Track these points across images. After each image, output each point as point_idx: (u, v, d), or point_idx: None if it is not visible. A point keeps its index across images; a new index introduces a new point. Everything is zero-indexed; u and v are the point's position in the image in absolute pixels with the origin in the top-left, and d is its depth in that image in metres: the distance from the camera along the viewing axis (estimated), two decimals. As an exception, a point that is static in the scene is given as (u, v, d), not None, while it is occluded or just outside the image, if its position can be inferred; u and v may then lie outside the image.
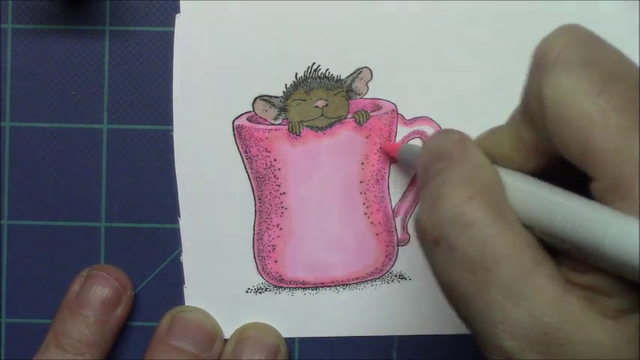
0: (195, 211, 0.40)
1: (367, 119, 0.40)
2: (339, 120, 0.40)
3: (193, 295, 0.41)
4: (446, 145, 0.29)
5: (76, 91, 0.41)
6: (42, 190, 0.41)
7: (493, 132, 0.30)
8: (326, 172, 0.40)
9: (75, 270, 0.40)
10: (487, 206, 0.26)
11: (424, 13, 0.40)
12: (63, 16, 0.40)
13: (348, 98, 0.40)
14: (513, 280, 0.25)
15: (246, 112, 0.40)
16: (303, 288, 0.41)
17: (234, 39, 0.40)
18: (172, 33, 0.40)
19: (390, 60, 0.40)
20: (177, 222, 0.41)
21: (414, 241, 0.41)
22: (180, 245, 0.41)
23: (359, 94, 0.40)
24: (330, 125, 0.40)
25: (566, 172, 0.27)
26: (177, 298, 0.41)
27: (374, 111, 0.40)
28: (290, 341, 0.41)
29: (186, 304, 0.41)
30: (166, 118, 0.40)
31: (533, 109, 0.27)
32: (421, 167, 0.30)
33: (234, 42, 0.40)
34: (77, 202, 0.41)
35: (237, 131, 0.40)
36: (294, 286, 0.41)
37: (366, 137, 0.40)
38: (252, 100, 0.40)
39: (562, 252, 0.26)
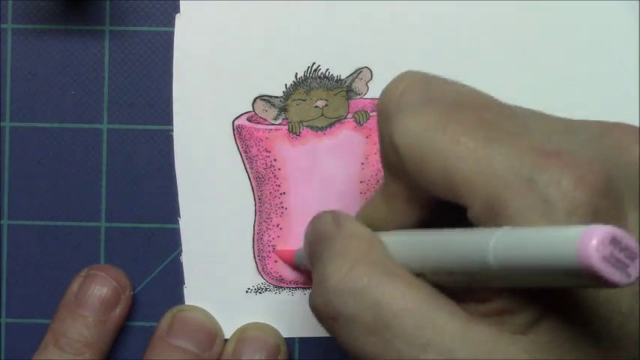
0: (195, 211, 0.40)
1: (367, 119, 0.40)
2: (339, 120, 0.40)
3: (193, 295, 0.41)
4: (321, 227, 0.30)
5: (76, 91, 0.41)
6: (42, 190, 0.41)
7: (368, 201, 0.30)
8: (326, 172, 0.40)
9: (75, 270, 0.40)
10: (370, 269, 0.26)
11: (424, 13, 0.40)
12: (63, 16, 0.40)
13: (348, 98, 0.40)
14: (415, 329, 0.25)
15: (246, 112, 0.40)
16: (303, 288, 0.41)
17: (234, 39, 0.40)
18: (172, 33, 0.40)
19: (390, 60, 0.40)
20: (177, 222, 0.41)
21: (414, 241, 0.41)
22: (180, 245, 0.41)
23: (359, 94, 0.40)
24: (330, 125, 0.40)
25: (450, 211, 0.27)
26: (177, 298, 0.41)
27: (374, 111, 0.40)
28: (290, 341, 0.41)
29: (186, 303, 0.41)
30: (166, 118, 0.40)
31: (392, 161, 0.27)
32: (307, 260, 0.30)
33: (234, 42, 0.40)
34: (77, 202, 0.41)
35: (237, 131, 0.40)
36: (294, 286, 0.41)
37: (366, 137, 0.40)
38: (252, 100, 0.40)
39: (462, 293, 0.26)
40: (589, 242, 0.19)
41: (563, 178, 0.23)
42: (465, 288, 0.25)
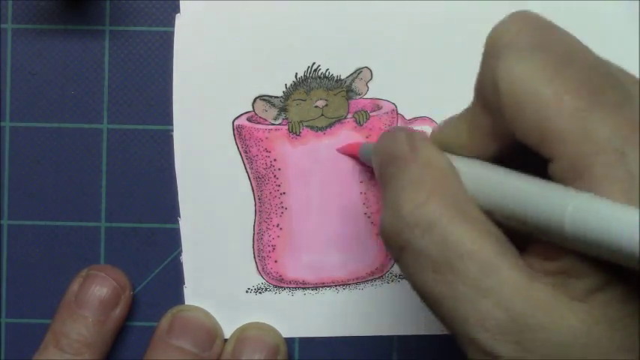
0: (195, 211, 0.40)
1: (367, 119, 0.40)
2: (339, 120, 0.40)
3: (193, 295, 0.41)
4: (395, 147, 0.29)
5: (76, 91, 0.41)
6: (42, 190, 0.41)
7: (449, 122, 0.30)
8: (326, 172, 0.40)
9: (75, 270, 0.40)
10: (444, 204, 0.26)
11: (424, 12, 0.40)
12: (63, 16, 0.40)
13: (348, 98, 0.40)
14: (478, 274, 0.25)
15: (246, 112, 0.40)
16: (303, 288, 0.41)
17: (234, 39, 0.40)
18: (172, 33, 0.40)
19: (390, 60, 0.40)
20: (177, 222, 0.41)
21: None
22: (180, 245, 0.41)
23: (359, 94, 0.40)
24: (330, 125, 0.40)
25: (525, 157, 0.27)
26: (177, 298, 0.41)
27: (374, 111, 0.40)
28: (290, 341, 0.41)
29: (186, 303, 0.41)
30: (166, 118, 0.40)
31: (488, 96, 0.27)
32: (377, 173, 0.30)
33: (234, 42, 0.40)
34: (77, 202, 0.41)
35: (237, 131, 0.40)
36: (294, 286, 0.41)
37: (366, 137, 0.40)
38: (252, 100, 0.40)
39: (528, 241, 0.26)
40: None
41: None
42: (532, 239, 0.26)
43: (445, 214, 0.26)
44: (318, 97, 0.40)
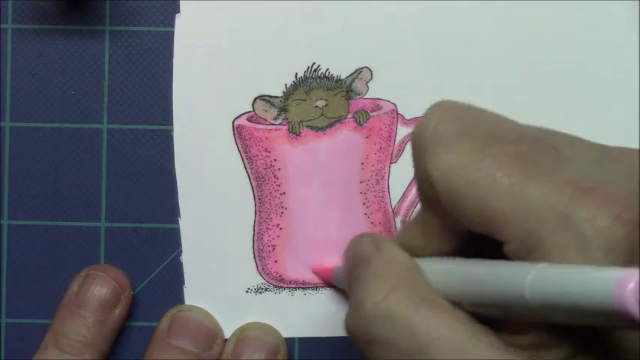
0: (195, 211, 0.40)
1: (367, 119, 0.40)
2: (339, 120, 0.40)
3: (193, 295, 0.41)
4: (361, 249, 0.30)
5: (76, 91, 0.41)
6: (42, 190, 0.41)
7: (406, 227, 0.30)
8: (326, 172, 0.40)
9: (75, 270, 0.40)
10: (407, 295, 0.26)
11: (424, 12, 0.40)
12: (63, 16, 0.40)
13: (348, 98, 0.40)
14: (449, 357, 0.25)
15: (246, 112, 0.40)
16: (303, 288, 0.41)
17: (234, 39, 0.40)
18: (172, 33, 0.40)
19: (390, 60, 0.40)
20: (177, 222, 0.41)
21: (414, 241, 0.41)
22: (180, 245, 0.41)
23: (359, 94, 0.40)
24: (330, 125, 0.40)
25: (484, 242, 0.27)
26: (177, 298, 0.41)
27: (374, 111, 0.40)
28: (290, 341, 0.41)
29: (186, 303, 0.41)
30: (166, 118, 0.40)
31: (426, 193, 0.27)
32: (347, 278, 0.30)
33: (234, 42, 0.40)
34: (77, 202, 0.41)
35: (237, 131, 0.40)
36: (294, 286, 0.41)
37: (366, 137, 0.40)
38: (252, 100, 0.40)
39: (498, 323, 0.26)
40: (626, 287, 0.19)
41: (600, 215, 0.23)
42: (501, 319, 0.25)
43: (409, 305, 0.26)
44: (318, 97, 0.40)
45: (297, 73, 0.40)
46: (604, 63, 0.40)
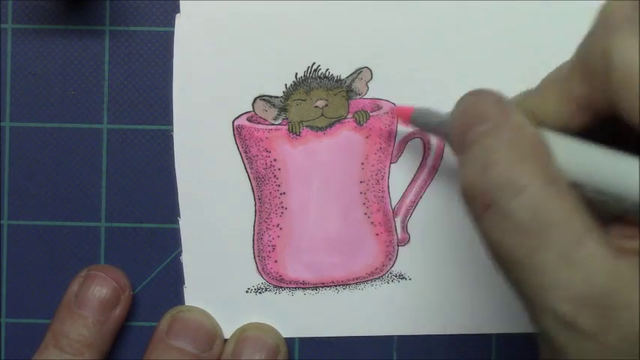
0: (195, 211, 0.40)
1: (367, 119, 0.40)
2: (339, 120, 0.40)
3: (193, 295, 0.41)
4: (484, 107, 0.29)
5: (76, 91, 0.41)
6: (42, 190, 0.41)
7: (532, 93, 0.30)
8: (326, 172, 0.40)
9: (75, 270, 0.40)
10: (536, 170, 0.26)
11: (424, 13, 0.40)
12: (63, 16, 0.40)
13: (348, 98, 0.40)
14: (566, 245, 0.25)
15: (246, 112, 0.40)
16: (303, 288, 0.41)
17: (234, 39, 0.40)
18: (172, 33, 0.40)
19: (390, 60, 0.40)
20: (177, 222, 0.41)
21: (414, 241, 0.41)
22: (180, 245, 0.41)
23: (359, 94, 0.40)
24: (330, 125, 0.40)
25: (607, 132, 0.27)
26: (177, 298, 0.41)
27: (374, 111, 0.40)
28: (290, 341, 0.41)
29: (186, 304, 0.41)
30: (166, 118, 0.40)
31: (595, 66, 0.27)
32: (457, 130, 0.29)
33: (234, 42, 0.40)
34: (77, 202, 0.41)
35: (237, 131, 0.40)
36: (294, 286, 0.41)
37: (366, 137, 0.40)
38: (252, 100, 0.40)
39: (609, 220, 0.26)
40: None
41: None
42: (613, 220, 0.26)
43: (537, 181, 0.26)
44: (318, 97, 0.40)
45: (297, 73, 0.40)
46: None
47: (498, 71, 0.40)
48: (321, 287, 0.41)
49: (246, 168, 0.40)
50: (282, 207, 0.40)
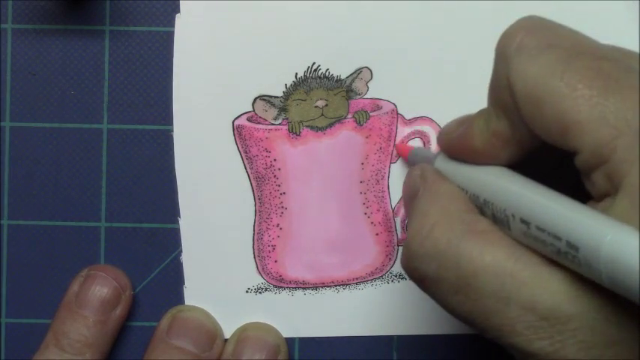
0: (195, 211, 0.40)
1: (367, 119, 0.40)
2: (339, 120, 0.40)
3: (193, 295, 0.41)
4: (410, 182, 0.31)
5: (76, 91, 0.41)
6: (42, 190, 0.41)
7: (462, 124, 0.31)
8: (326, 172, 0.40)
9: (75, 270, 0.40)
10: (450, 229, 0.27)
11: (424, 12, 0.40)
12: (63, 16, 0.40)
13: (348, 98, 0.40)
14: (495, 285, 0.26)
15: (246, 112, 0.40)
16: (303, 288, 0.41)
17: (234, 39, 0.40)
18: (172, 33, 0.40)
19: (390, 60, 0.40)
20: (177, 222, 0.41)
21: (414, 241, 0.41)
22: (180, 245, 0.41)
23: (359, 94, 0.40)
24: (330, 125, 0.40)
25: (534, 165, 0.28)
26: (178, 298, 0.41)
27: (374, 111, 0.40)
28: (290, 341, 0.41)
29: (186, 303, 0.41)
30: (166, 118, 0.40)
31: (504, 100, 0.27)
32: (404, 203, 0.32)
33: (234, 42, 0.40)
34: (77, 202, 0.41)
35: (237, 131, 0.40)
36: (294, 286, 0.41)
37: (366, 137, 0.40)
38: (252, 100, 0.40)
39: None
40: None
41: None
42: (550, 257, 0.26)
43: (452, 238, 0.27)
44: (318, 97, 0.40)
45: (297, 73, 0.40)
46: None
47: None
48: (321, 287, 0.41)
49: (246, 168, 0.40)
50: (282, 207, 0.40)
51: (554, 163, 0.28)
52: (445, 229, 0.28)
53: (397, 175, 0.41)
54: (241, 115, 0.40)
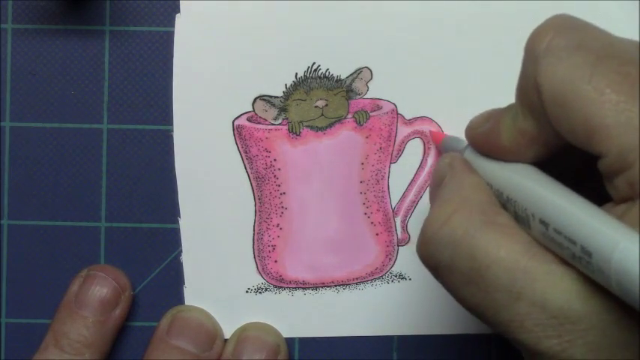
0: (195, 211, 0.40)
1: (367, 119, 0.40)
2: (339, 120, 0.40)
3: (193, 295, 0.41)
4: (438, 169, 0.31)
5: (76, 91, 0.41)
6: (42, 190, 0.41)
7: (488, 119, 0.30)
8: (326, 172, 0.40)
9: (75, 270, 0.40)
10: (469, 217, 0.27)
11: (424, 12, 0.40)
12: (63, 16, 0.40)
13: (348, 98, 0.40)
14: (507, 279, 0.26)
15: (246, 112, 0.40)
16: (303, 288, 0.41)
17: (234, 39, 0.40)
18: (172, 33, 0.40)
19: (390, 60, 0.40)
20: (177, 222, 0.41)
21: (414, 241, 0.41)
22: (180, 245, 0.41)
23: (359, 94, 0.40)
24: (330, 125, 0.40)
25: (561, 163, 0.27)
26: (177, 298, 0.41)
27: (374, 111, 0.40)
28: (290, 341, 0.41)
29: (186, 304, 0.41)
30: (166, 118, 0.40)
31: (531, 100, 0.27)
32: (430, 190, 0.32)
33: (234, 42, 0.40)
34: (77, 202, 0.41)
35: (237, 131, 0.40)
36: (294, 286, 0.41)
37: (366, 137, 0.40)
38: (252, 100, 0.40)
39: None
40: None
41: None
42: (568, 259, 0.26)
43: (469, 227, 0.27)
44: (318, 97, 0.40)
45: (297, 73, 0.40)
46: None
47: (498, 71, 0.40)
48: (321, 287, 0.41)
49: (246, 168, 0.40)
50: (282, 207, 0.40)
51: (581, 163, 0.28)
52: (464, 217, 0.27)
53: (397, 175, 0.41)
54: (241, 115, 0.40)
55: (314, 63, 0.40)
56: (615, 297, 0.24)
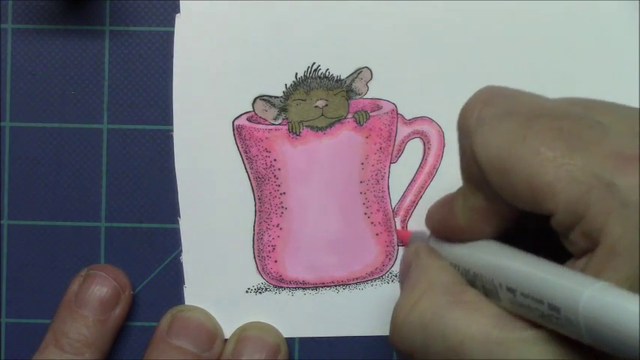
0: (195, 211, 0.40)
1: (367, 119, 0.40)
2: (339, 120, 0.40)
3: (193, 295, 0.41)
4: (406, 257, 0.31)
5: (76, 91, 0.41)
6: (42, 190, 0.41)
7: (444, 205, 0.31)
8: (326, 172, 0.40)
9: (75, 270, 0.40)
10: (435, 301, 0.28)
11: (425, 12, 0.40)
12: (63, 16, 0.40)
13: (348, 98, 0.40)
14: (483, 352, 0.26)
15: (246, 112, 0.40)
16: (303, 288, 0.41)
17: (234, 39, 0.40)
18: (172, 33, 0.40)
19: (390, 60, 0.40)
20: (177, 222, 0.41)
21: (414, 241, 0.41)
22: (180, 245, 0.41)
23: (359, 94, 0.40)
24: (330, 125, 0.40)
25: (524, 229, 0.28)
26: (177, 298, 0.41)
27: (374, 111, 0.40)
28: (290, 341, 0.41)
29: (186, 303, 0.41)
30: (166, 118, 0.40)
31: (474, 175, 0.27)
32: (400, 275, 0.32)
33: (234, 42, 0.40)
34: (77, 202, 0.41)
35: (237, 131, 0.40)
36: (294, 286, 0.41)
37: (366, 137, 0.40)
38: (252, 100, 0.40)
39: None
40: None
41: None
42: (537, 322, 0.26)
43: (437, 310, 0.27)
44: (318, 97, 0.40)
45: (297, 73, 0.40)
46: (604, 63, 0.40)
47: (498, 71, 0.40)
48: (321, 287, 0.41)
49: (246, 168, 0.40)
50: (282, 207, 0.40)
51: (542, 224, 0.28)
52: (431, 300, 0.28)
53: (397, 175, 0.41)
54: (241, 115, 0.40)
55: (314, 63, 0.40)
56: (590, 355, 0.24)
